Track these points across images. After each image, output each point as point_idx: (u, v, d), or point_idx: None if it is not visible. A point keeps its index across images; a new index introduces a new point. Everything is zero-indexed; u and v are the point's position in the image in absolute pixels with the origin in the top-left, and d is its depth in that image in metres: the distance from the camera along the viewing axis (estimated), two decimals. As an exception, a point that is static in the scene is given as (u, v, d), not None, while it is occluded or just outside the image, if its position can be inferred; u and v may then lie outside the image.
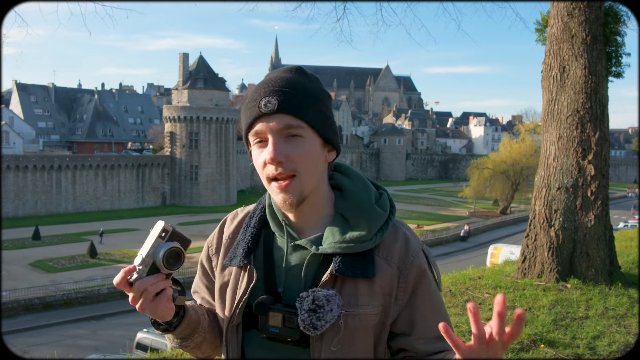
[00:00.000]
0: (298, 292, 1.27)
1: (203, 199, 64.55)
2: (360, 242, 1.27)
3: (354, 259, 1.26)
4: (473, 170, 64.56)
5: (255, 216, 1.41)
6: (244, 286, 1.32)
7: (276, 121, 1.23)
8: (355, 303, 1.26)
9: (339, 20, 8.72)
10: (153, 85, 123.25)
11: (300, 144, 1.25)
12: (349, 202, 1.34)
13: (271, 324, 1.26)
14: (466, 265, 9.86)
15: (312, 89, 1.29)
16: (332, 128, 1.32)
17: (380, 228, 1.31)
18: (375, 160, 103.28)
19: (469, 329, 4.76)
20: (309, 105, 1.26)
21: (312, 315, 1.20)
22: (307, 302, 1.21)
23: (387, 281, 1.29)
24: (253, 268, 1.31)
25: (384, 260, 1.30)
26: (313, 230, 1.34)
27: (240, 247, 1.36)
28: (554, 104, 6.48)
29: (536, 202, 6.60)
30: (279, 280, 1.31)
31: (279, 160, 1.23)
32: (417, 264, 1.31)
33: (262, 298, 1.27)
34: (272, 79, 1.29)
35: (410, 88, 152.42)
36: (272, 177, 1.26)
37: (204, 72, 66.65)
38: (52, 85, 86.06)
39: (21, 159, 54.46)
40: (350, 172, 1.42)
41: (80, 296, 28.18)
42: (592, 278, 6.16)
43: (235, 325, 1.33)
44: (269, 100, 1.24)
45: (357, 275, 1.25)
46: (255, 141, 1.28)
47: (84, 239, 43.27)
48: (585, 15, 6.26)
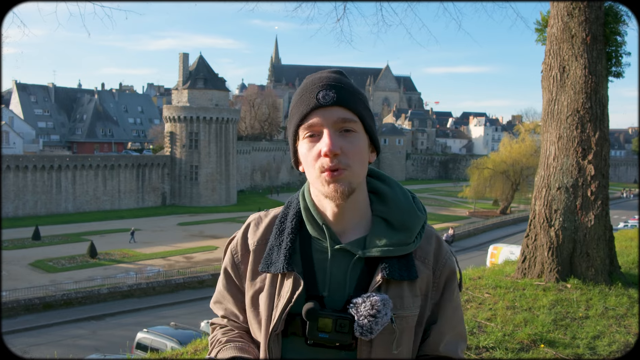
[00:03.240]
0: (341, 296, 1.29)
1: (203, 199, 64.54)
2: (405, 245, 1.31)
3: (398, 262, 1.30)
4: (473, 170, 64.54)
5: (289, 220, 1.38)
6: (288, 293, 1.29)
7: (333, 113, 1.26)
8: (402, 305, 1.29)
9: (339, 20, 8.72)
10: (153, 85, 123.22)
11: (355, 139, 1.28)
12: (389, 206, 1.37)
13: (321, 329, 1.25)
14: (466, 265, 9.85)
15: (358, 88, 1.34)
16: (375, 128, 1.37)
17: (419, 232, 1.35)
18: (376, 160, 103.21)
19: (469, 329, 4.76)
20: (361, 101, 1.31)
21: (371, 320, 1.22)
22: (364, 307, 1.23)
23: (425, 282, 1.34)
24: (299, 275, 1.30)
25: (421, 263, 1.35)
26: (353, 233, 1.34)
27: (278, 252, 1.34)
28: (554, 104, 6.47)
29: (536, 202, 6.60)
30: (322, 285, 1.31)
31: (335, 153, 1.24)
32: (448, 266, 1.38)
33: (312, 304, 1.26)
34: (322, 77, 1.32)
35: (410, 88, 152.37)
36: (326, 170, 1.26)
37: (204, 72, 66.63)
38: (52, 85, 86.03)
39: (21, 159, 54.43)
40: (384, 176, 1.44)
41: (80, 296, 28.15)
42: (592, 278, 6.15)
43: (277, 333, 1.31)
44: (327, 93, 1.27)
45: (404, 278, 1.29)
46: (306, 135, 1.29)
47: (84, 239, 43.24)
48: (585, 15, 6.26)
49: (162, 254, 39.84)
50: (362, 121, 1.29)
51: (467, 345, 1.62)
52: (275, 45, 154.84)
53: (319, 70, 1.37)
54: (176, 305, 27.63)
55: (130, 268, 36.12)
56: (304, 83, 1.33)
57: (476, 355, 4.24)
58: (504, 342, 4.49)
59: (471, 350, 4.30)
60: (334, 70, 1.36)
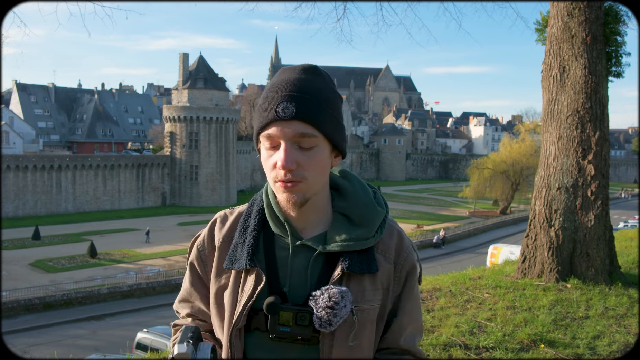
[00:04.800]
0: (303, 291, 1.30)
1: (203, 199, 64.54)
2: (365, 240, 1.33)
3: (358, 256, 1.31)
4: (473, 170, 64.55)
5: (252, 217, 1.40)
6: (250, 289, 1.31)
7: (292, 128, 1.24)
8: (362, 298, 1.31)
9: (339, 20, 8.72)
10: (153, 85, 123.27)
11: (312, 153, 1.27)
12: (349, 201, 1.38)
13: (282, 323, 1.27)
14: (466, 265, 9.86)
15: (327, 92, 1.29)
16: (342, 134, 1.34)
17: (379, 226, 1.36)
18: (375, 160, 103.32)
19: (469, 329, 4.76)
20: (325, 111, 1.27)
21: (329, 312, 1.23)
22: (322, 299, 1.24)
23: (386, 276, 1.35)
24: (261, 270, 1.32)
25: (382, 257, 1.36)
26: (314, 229, 1.36)
27: (242, 249, 1.35)
28: (554, 104, 6.47)
29: (536, 202, 6.60)
30: (284, 280, 1.33)
31: (289, 169, 1.24)
32: (410, 260, 1.39)
33: (273, 298, 1.28)
34: (289, 80, 1.27)
35: (410, 88, 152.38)
36: (279, 181, 1.27)
37: (204, 72, 66.64)
38: (52, 85, 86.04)
39: (21, 159, 54.43)
40: (345, 172, 1.45)
41: (80, 296, 28.16)
42: (592, 278, 6.15)
43: (239, 329, 1.33)
44: (287, 106, 1.24)
45: (364, 271, 1.31)
46: (265, 143, 1.29)
47: (84, 239, 43.25)
48: (585, 15, 6.26)
49: (162, 254, 39.83)
50: (323, 133, 1.27)
51: (422, 337, 1.65)
52: (275, 45, 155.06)
53: (292, 66, 1.32)
54: (176, 305, 27.59)
55: (130, 268, 36.13)
56: (272, 83, 1.31)
57: (476, 355, 4.24)
58: (504, 342, 4.49)
59: (471, 350, 4.30)
60: (305, 68, 1.30)
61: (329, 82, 1.32)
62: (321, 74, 1.32)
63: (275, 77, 1.33)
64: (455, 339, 4.50)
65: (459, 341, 4.46)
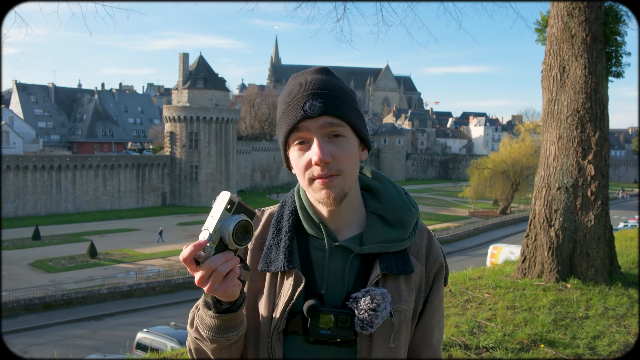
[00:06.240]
0: (340, 293, 1.30)
1: (203, 199, 64.50)
2: (401, 241, 1.35)
3: (394, 257, 1.33)
4: (473, 170, 64.54)
5: (285, 219, 1.39)
6: (289, 291, 1.30)
7: (321, 122, 1.26)
8: (399, 299, 1.32)
9: (339, 20, 8.73)
10: (153, 85, 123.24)
11: (344, 144, 1.28)
12: (383, 202, 1.39)
13: (322, 325, 1.27)
14: (466, 265, 9.86)
15: (344, 88, 1.32)
16: (366, 127, 1.36)
17: (413, 227, 1.38)
18: (375, 160, 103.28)
19: (469, 329, 4.76)
20: (350, 105, 1.30)
21: (371, 314, 1.24)
22: (364, 301, 1.25)
23: (418, 277, 1.37)
24: (300, 272, 1.31)
25: (415, 257, 1.38)
26: (349, 231, 1.36)
27: (277, 251, 1.34)
28: (554, 104, 6.47)
29: (536, 202, 6.60)
30: (320, 283, 1.32)
31: (326, 162, 1.25)
32: (439, 261, 1.41)
33: (313, 301, 1.27)
34: (309, 81, 1.30)
35: (410, 88, 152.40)
36: (317, 177, 1.27)
37: (204, 72, 66.63)
38: (52, 85, 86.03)
39: (21, 159, 54.42)
40: (376, 173, 1.46)
41: (80, 296, 28.16)
42: (592, 278, 6.16)
43: (279, 332, 1.31)
44: (314, 104, 1.26)
45: (401, 273, 1.32)
46: (296, 142, 1.30)
47: (84, 239, 43.24)
48: (585, 15, 6.26)
49: (162, 254, 39.84)
50: (350, 125, 1.29)
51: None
52: (275, 45, 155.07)
53: (303, 70, 1.35)
54: (176, 305, 27.62)
55: (130, 268, 36.13)
56: (290, 87, 1.32)
57: (476, 355, 4.24)
58: (504, 342, 4.49)
59: (471, 350, 4.30)
60: (319, 69, 1.33)
61: (340, 80, 1.35)
62: (334, 73, 1.35)
63: (289, 83, 1.33)
64: (455, 339, 4.50)
65: (459, 341, 4.46)
